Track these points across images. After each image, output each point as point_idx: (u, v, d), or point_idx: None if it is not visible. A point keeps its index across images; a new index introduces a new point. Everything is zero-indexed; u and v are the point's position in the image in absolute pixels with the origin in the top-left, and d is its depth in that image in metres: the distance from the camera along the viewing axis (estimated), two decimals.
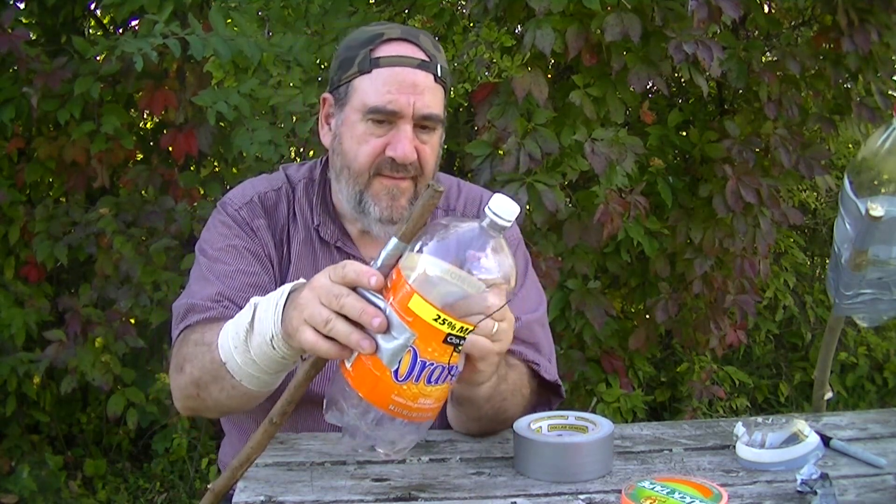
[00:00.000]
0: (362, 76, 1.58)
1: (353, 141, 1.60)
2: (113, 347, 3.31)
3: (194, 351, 1.46)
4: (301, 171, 1.77)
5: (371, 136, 1.58)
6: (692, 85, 3.12)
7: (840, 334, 3.07)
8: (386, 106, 1.56)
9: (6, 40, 3.06)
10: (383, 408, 1.16)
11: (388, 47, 1.59)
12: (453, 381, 1.20)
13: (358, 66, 1.59)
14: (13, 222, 3.44)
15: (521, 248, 1.82)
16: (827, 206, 4.55)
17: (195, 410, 1.54)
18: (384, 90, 1.56)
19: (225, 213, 1.69)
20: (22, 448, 3.66)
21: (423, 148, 1.60)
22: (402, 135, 1.57)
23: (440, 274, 1.13)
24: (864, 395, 4.65)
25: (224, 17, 3.02)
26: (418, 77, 1.57)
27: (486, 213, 1.16)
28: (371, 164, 1.58)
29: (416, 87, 1.57)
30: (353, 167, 1.60)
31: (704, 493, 1.21)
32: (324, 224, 1.70)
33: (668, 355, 4.22)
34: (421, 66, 1.58)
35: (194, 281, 1.65)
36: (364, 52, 1.59)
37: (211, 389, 1.43)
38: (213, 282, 1.60)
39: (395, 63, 1.58)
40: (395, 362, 1.14)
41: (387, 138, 1.58)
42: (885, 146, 1.54)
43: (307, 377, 1.24)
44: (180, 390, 1.50)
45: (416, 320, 1.13)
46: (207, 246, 1.68)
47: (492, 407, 1.48)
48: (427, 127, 1.60)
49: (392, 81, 1.56)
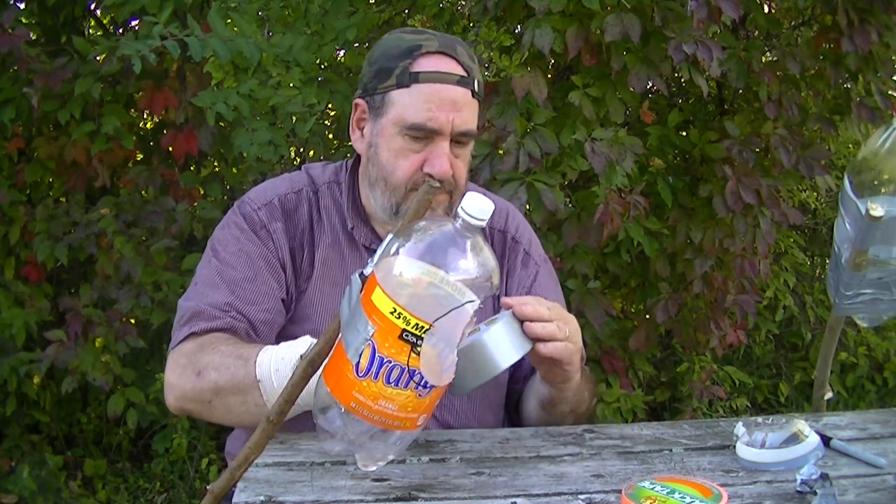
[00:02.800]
0: (401, 90, 1.59)
1: (390, 154, 1.61)
2: (113, 347, 3.31)
3: (224, 361, 1.49)
4: (326, 173, 1.77)
5: (409, 152, 1.59)
6: (692, 85, 3.13)
7: (840, 334, 3.08)
8: (426, 124, 1.57)
9: (6, 40, 3.06)
10: (345, 403, 1.17)
11: (426, 61, 1.59)
12: (422, 393, 1.17)
13: (396, 80, 1.59)
14: (13, 222, 3.44)
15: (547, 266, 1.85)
16: (827, 206, 4.56)
17: (193, 414, 1.57)
18: (424, 107, 1.57)
19: (241, 214, 1.70)
20: (22, 448, 3.66)
21: (456, 163, 1.61)
22: (440, 151, 1.58)
23: (406, 271, 1.13)
24: (864, 395, 4.65)
25: (223, 17, 3.01)
26: (457, 94, 1.58)
27: (459, 213, 1.16)
28: (409, 179, 1.60)
29: (455, 105, 1.58)
30: (390, 180, 1.61)
31: (704, 493, 1.21)
32: (357, 227, 1.70)
33: (668, 355, 4.22)
34: (460, 82, 1.59)
35: (203, 282, 1.66)
36: (403, 65, 1.58)
37: (230, 400, 1.48)
38: (223, 288, 1.61)
39: (434, 79, 1.58)
40: (356, 355, 1.15)
41: (424, 154, 1.59)
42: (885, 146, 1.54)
43: (304, 376, 1.25)
44: (189, 392, 1.53)
45: (376, 313, 1.13)
46: (220, 247, 1.68)
47: (577, 401, 1.61)
48: (463, 142, 1.61)
49: (432, 99, 1.57)
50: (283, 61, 3.02)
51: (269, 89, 2.96)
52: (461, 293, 1.14)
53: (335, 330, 1.23)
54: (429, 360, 1.15)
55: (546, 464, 1.42)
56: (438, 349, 1.16)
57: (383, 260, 1.17)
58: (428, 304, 1.13)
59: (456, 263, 1.14)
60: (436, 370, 1.17)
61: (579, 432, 1.57)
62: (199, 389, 1.51)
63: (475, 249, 1.16)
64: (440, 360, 1.16)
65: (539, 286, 1.78)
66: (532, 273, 1.79)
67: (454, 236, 1.16)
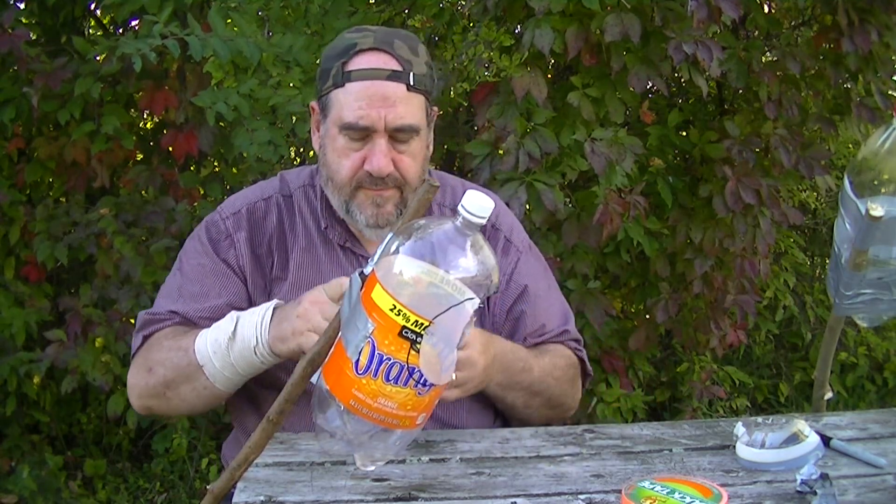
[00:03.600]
0: (337, 90, 1.61)
1: (334, 154, 1.63)
2: (113, 347, 3.31)
3: (168, 355, 1.59)
4: (301, 177, 1.79)
5: (350, 151, 1.61)
6: (692, 85, 3.12)
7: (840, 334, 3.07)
8: (358, 122, 1.58)
9: (6, 40, 3.05)
10: (344, 402, 1.17)
11: (359, 59, 1.60)
12: (422, 392, 1.18)
13: (332, 80, 1.61)
14: (13, 222, 3.43)
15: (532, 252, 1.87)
16: (827, 206, 4.55)
17: (154, 410, 1.67)
18: (356, 105, 1.58)
19: (207, 226, 1.75)
20: (22, 448, 3.66)
21: (400, 158, 1.61)
22: (376, 149, 1.59)
23: (406, 269, 1.13)
24: (864, 395, 4.65)
25: (224, 17, 3.01)
26: (388, 89, 1.58)
27: (460, 210, 1.16)
28: (352, 178, 1.62)
29: (386, 100, 1.57)
30: (335, 179, 1.64)
31: (704, 493, 1.21)
32: (331, 227, 1.72)
33: (668, 355, 4.22)
34: (391, 77, 1.58)
35: (164, 295, 1.74)
36: (338, 65, 1.60)
37: (181, 389, 1.58)
38: (177, 299, 1.70)
39: (365, 76, 1.58)
40: (356, 353, 1.15)
41: (364, 152, 1.60)
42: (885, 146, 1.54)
43: (304, 375, 1.25)
44: (145, 390, 1.63)
45: (376, 310, 1.14)
46: (185, 258, 1.76)
47: (527, 396, 1.68)
48: (403, 139, 1.61)
49: (362, 96, 1.58)
50: (283, 61, 3.02)
51: (270, 89, 2.96)
52: (461, 291, 1.14)
53: (335, 328, 1.24)
54: (428, 358, 1.15)
55: (546, 464, 1.42)
56: (438, 347, 1.16)
57: (383, 258, 1.17)
58: (427, 302, 1.13)
59: (456, 262, 1.14)
60: (435, 368, 1.17)
61: (579, 432, 1.57)
62: (152, 385, 1.62)
63: (475, 247, 1.16)
64: (440, 358, 1.17)
65: (519, 273, 1.79)
66: (513, 260, 1.80)
67: (454, 234, 1.16)
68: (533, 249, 1.87)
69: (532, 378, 1.67)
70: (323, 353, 1.24)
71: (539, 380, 1.69)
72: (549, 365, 1.71)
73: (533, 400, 1.70)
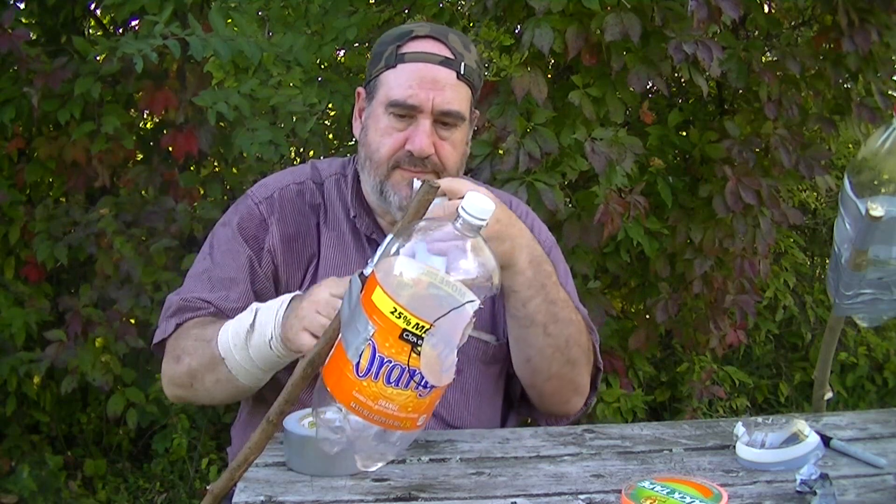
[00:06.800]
0: (388, 71, 1.63)
1: (376, 133, 1.64)
2: (113, 347, 3.31)
3: (194, 345, 1.59)
4: (332, 167, 1.80)
5: (393, 130, 1.62)
6: (692, 85, 3.12)
7: (840, 334, 3.07)
8: (406, 100, 1.60)
9: (6, 40, 3.06)
10: (345, 403, 1.17)
11: (414, 44, 1.63)
12: (423, 393, 1.17)
13: (385, 62, 1.64)
14: (13, 222, 3.44)
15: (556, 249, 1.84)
16: (827, 206, 4.56)
17: (183, 399, 1.69)
18: (406, 85, 1.60)
19: (240, 211, 1.75)
20: (22, 448, 3.66)
21: (442, 145, 1.63)
22: (420, 129, 1.60)
23: (406, 271, 1.13)
24: (864, 395, 4.65)
25: (224, 17, 3.01)
26: (440, 73, 1.61)
27: (460, 212, 1.16)
28: (391, 157, 1.63)
29: (436, 83, 1.60)
30: (374, 158, 1.64)
31: (704, 493, 1.21)
32: (359, 217, 1.73)
33: (668, 355, 4.22)
34: (444, 63, 1.62)
35: (193, 277, 1.73)
36: (392, 48, 1.63)
37: (206, 380, 1.58)
38: (207, 285, 1.69)
39: (418, 59, 1.61)
40: (356, 355, 1.15)
41: (407, 133, 1.62)
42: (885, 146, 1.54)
43: (304, 376, 1.25)
44: (175, 379, 1.64)
45: (377, 313, 1.14)
46: (216, 244, 1.75)
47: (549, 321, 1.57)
48: (448, 123, 1.63)
49: (414, 77, 1.60)
50: (283, 61, 3.02)
51: (270, 89, 2.96)
52: (461, 293, 1.14)
53: (335, 330, 1.24)
54: (429, 361, 1.15)
55: (546, 464, 1.42)
56: (438, 349, 1.16)
57: (383, 260, 1.17)
58: (428, 304, 1.13)
59: (456, 263, 1.14)
60: (436, 370, 1.17)
61: (579, 432, 1.57)
62: (178, 375, 1.63)
63: (475, 249, 1.16)
64: (440, 360, 1.16)
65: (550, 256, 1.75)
66: None
67: (454, 236, 1.16)
68: (557, 249, 1.86)
69: (556, 296, 1.59)
70: (323, 354, 1.24)
71: (563, 305, 1.60)
72: (572, 310, 1.64)
73: (552, 329, 1.59)
